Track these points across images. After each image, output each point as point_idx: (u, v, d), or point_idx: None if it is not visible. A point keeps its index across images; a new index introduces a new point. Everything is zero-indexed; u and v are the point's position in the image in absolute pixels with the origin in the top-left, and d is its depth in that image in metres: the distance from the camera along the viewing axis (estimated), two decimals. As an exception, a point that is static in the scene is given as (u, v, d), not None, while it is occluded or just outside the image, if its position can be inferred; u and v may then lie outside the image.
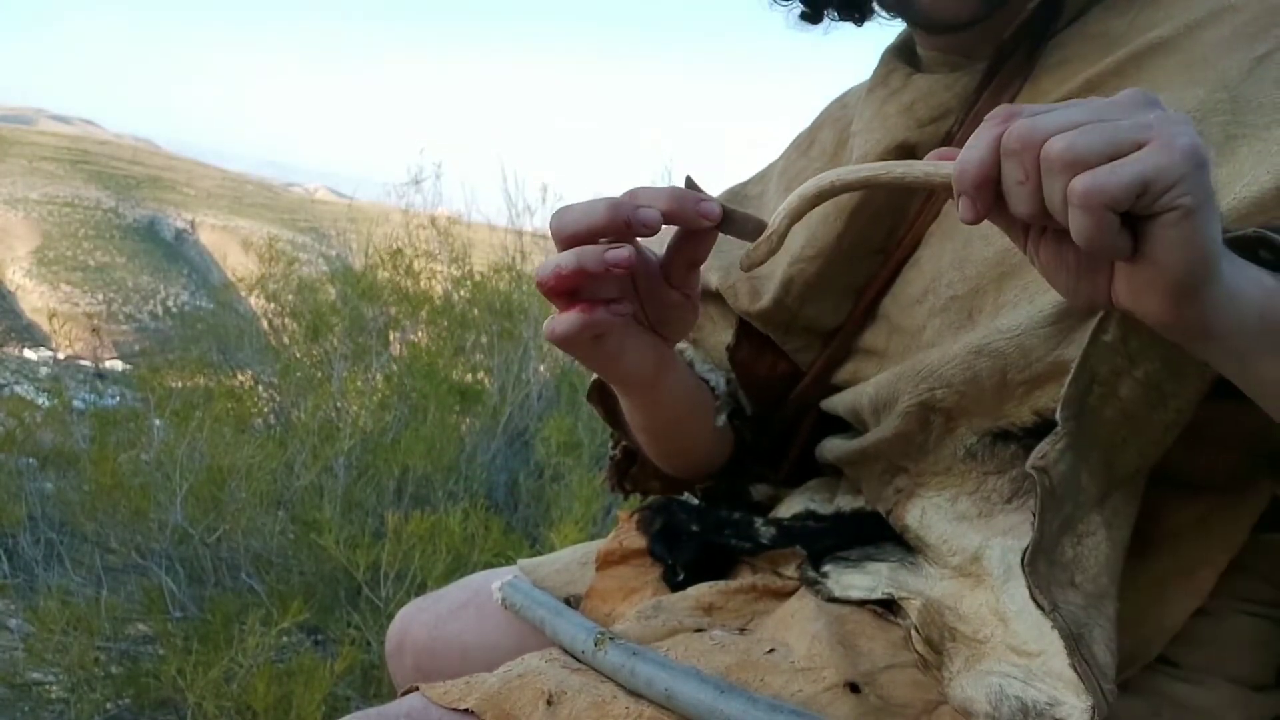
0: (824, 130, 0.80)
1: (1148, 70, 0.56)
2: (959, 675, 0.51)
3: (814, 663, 0.54)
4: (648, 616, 0.61)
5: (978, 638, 0.52)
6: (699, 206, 0.51)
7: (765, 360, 0.76)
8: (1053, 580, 0.48)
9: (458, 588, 0.88)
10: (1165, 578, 0.55)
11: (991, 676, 0.49)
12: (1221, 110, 0.52)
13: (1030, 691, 0.47)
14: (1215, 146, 0.51)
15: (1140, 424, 0.50)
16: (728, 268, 0.75)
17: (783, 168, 0.82)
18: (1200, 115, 0.52)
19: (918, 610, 0.56)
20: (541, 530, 2.15)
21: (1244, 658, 0.57)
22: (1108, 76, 0.58)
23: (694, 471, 0.80)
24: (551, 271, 0.51)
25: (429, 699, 0.57)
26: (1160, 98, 0.42)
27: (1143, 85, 0.56)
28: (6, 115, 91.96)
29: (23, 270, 59.79)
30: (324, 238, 4.71)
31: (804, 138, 0.82)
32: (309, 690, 1.58)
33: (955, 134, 0.65)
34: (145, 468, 2.22)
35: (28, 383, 4.52)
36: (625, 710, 0.52)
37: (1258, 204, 0.48)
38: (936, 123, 0.66)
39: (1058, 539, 0.49)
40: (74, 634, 1.81)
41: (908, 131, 0.67)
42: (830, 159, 0.76)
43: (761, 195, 0.83)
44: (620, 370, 0.60)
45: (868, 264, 0.69)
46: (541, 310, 2.94)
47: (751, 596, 0.64)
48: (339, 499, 2.16)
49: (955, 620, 0.54)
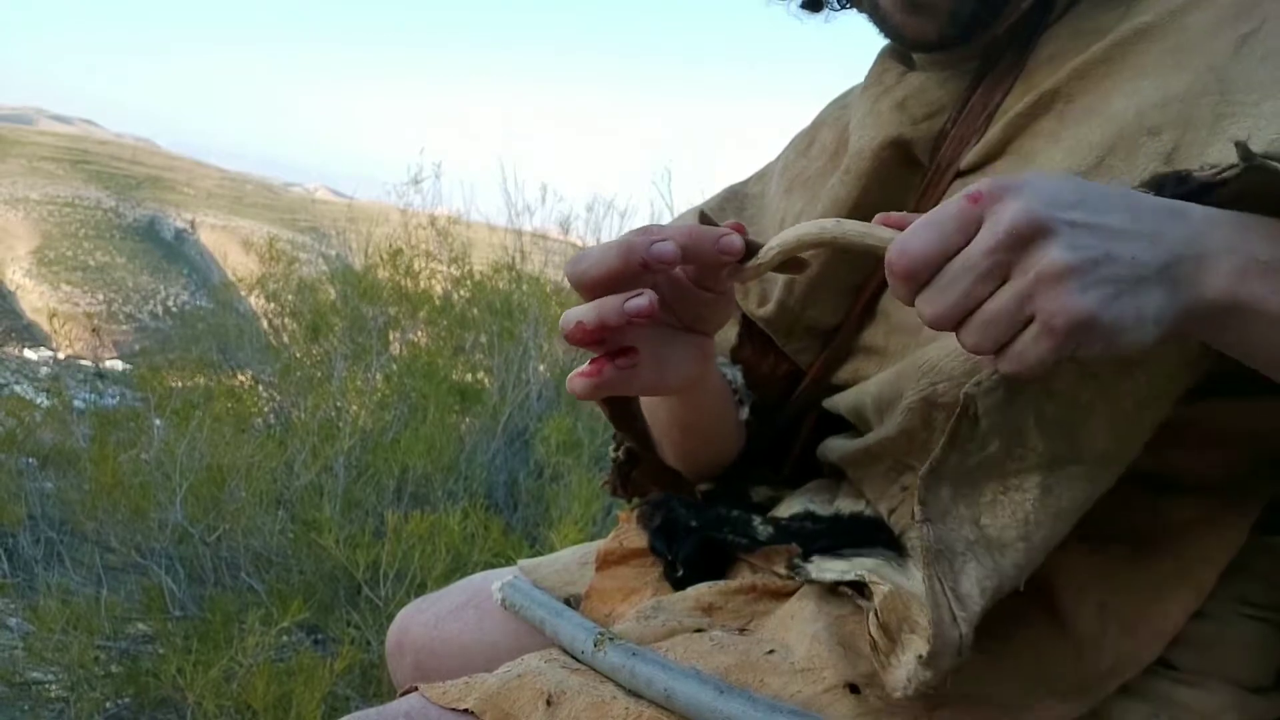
0: (824, 130, 0.80)
1: (1134, 58, 0.56)
2: (907, 666, 0.49)
3: (814, 663, 0.54)
4: (647, 617, 0.61)
5: None
6: (720, 244, 0.50)
7: (768, 360, 0.76)
8: (950, 510, 0.48)
9: (458, 588, 0.88)
10: (1165, 579, 0.54)
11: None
12: (1210, 91, 0.52)
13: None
14: (1206, 126, 0.51)
15: (1106, 389, 0.49)
16: None
17: (782, 168, 0.82)
18: (1189, 98, 0.52)
19: (883, 594, 0.54)
20: (541, 530, 2.15)
21: (1243, 660, 0.57)
22: (1095, 65, 0.58)
23: (711, 469, 0.80)
24: (574, 326, 0.50)
25: (428, 699, 0.57)
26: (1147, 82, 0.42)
27: (1130, 73, 0.56)
28: (6, 115, 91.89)
29: (23, 270, 59.78)
30: (324, 238, 4.71)
31: (803, 138, 0.82)
32: (309, 689, 1.58)
33: (949, 131, 0.66)
34: (145, 467, 2.22)
35: (28, 382, 4.51)
36: (625, 711, 0.51)
37: None
38: (930, 120, 0.66)
39: (977, 477, 0.49)
40: (74, 633, 1.81)
41: (901, 128, 0.67)
42: (830, 158, 0.76)
43: (762, 195, 0.83)
44: (665, 386, 0.58)
45: (866, 261, 0.69)
46: (541, 310, 2.94)
47: (751, 597, 0.64)
48: (339, 498, 2.16)
49: (919, 614, 0.53)
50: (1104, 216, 0.40)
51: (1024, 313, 0.39)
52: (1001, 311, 0.40)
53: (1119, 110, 0.55)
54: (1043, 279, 0.39)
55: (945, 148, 0.65)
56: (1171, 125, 0.52)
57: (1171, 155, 0.52)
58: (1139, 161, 0.53)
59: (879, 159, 0.67)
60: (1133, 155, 0.53)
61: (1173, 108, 0.53)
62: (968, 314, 0.41)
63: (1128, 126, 0.54)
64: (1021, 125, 0.60)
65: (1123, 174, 0.53)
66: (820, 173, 0.75)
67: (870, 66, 0.75)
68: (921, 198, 0.66)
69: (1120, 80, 0.56)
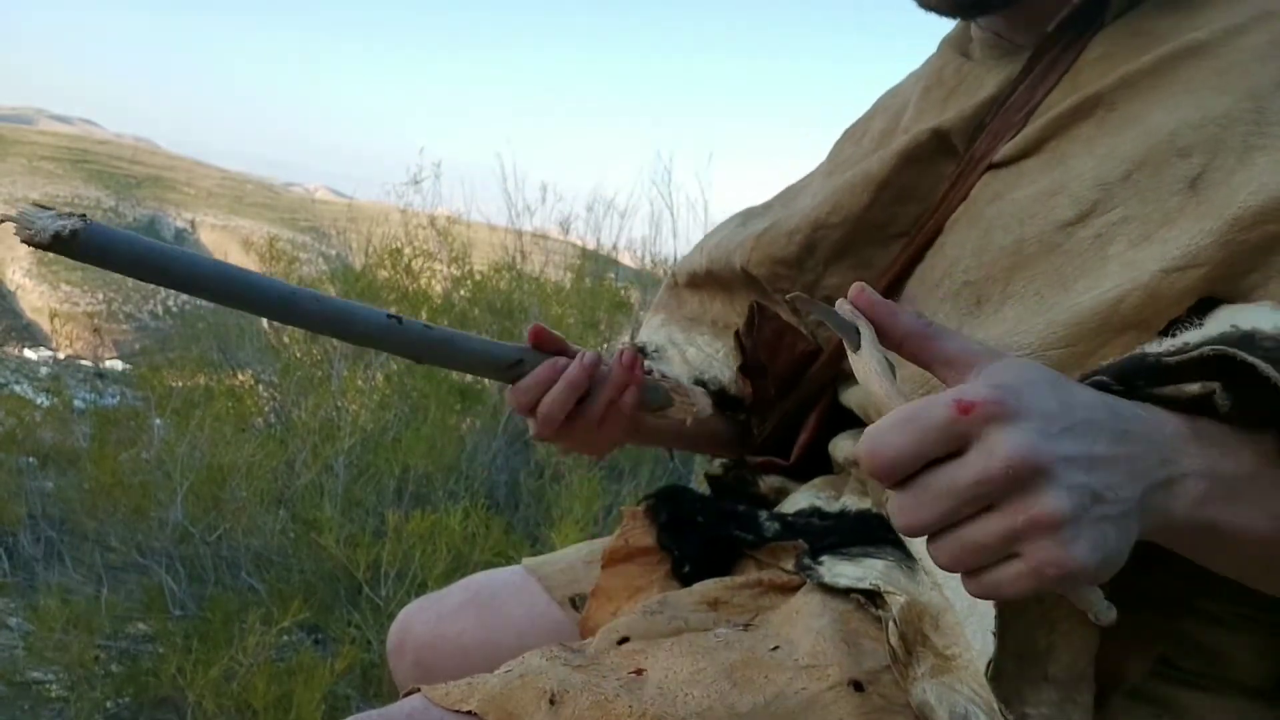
0: (875, 120, 0.80)
1: (1183, 72, 0.56)
2: (923, 679, 0.51)
3: (818, 660, 0.54)
4: (653, 613, 0.61)
5: (947, 654, 0.52)
6: (623, 400, 0.70)
7: (785, 340, 0.77)
8: (1023, 679, 0.47)
9: (459, 587, 0.88)
10: (1166, 581, 0.54)
11: (956, 695, 0.49)
12: (1246, 120, 0.52)
13: None
14: (1235, 154, 0.51)
15: None
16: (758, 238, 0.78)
17: (833, 153, 0.83)
18: (1225, 123, 0.52)
19: (900, 605, 0.55)
20: (542, 530, 2.15)
21: (1246, 664, 0.56)
22: (1143, 75, 0.57)
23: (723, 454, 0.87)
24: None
25: (430, 701, 0.56)
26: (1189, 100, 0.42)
27: (1175, 88, 0.55)
28: (6, 115, 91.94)
29: (23, 270, 59.79)
30: (324, 237, 4.72)
31: (858, 127, 0.83)
32: (309, 689, 1.58)
33: (987, 123, 0.65)
34: (145, 466, 2.22)
35: (28, 382, 4.51)
36: (628, 709, 0.51)
37: (1261, 213, 0.48)
38: (973, 110, 0.67)
39: (1030, 633, 0.48)
40: (74, 632, 1.81)
41: (943, 116, 0.68)
42: (877, 142, 0.77)
43: (807, 186, 0.84)
44: (599, 452, 0.75)
45: (893, 246, 0.69)
46: (542, 310, 2.94)
47: (757, 591, 0.64)
48: (339, 498, 2.16)
49: (931, 630, 0.54)
50: (1091, 444, 0.39)
51: (1009, 550, 0.38)
52: (985, 545, 0.38)
53: (1156, 125, 0.54)
54: (1037, 526, 0.37)
55: (981, 139, 0.65)
56: (1202, 148, 0.52)
57: (1197, 180, 0.51)
58: (1164, 181, 0.52)
59: (917, 143, 0.68)
60: (1159, 174, 0.53)
61: (1207, 130, 0.52)
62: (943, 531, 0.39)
63: (1160, 143, 0.53)
64: (1062, 126, 0.60)
65: (1147, 190, 0.53)
66: (865, 155, 0.76)
67: (930, 56, 0.76)
68: (952, 187, 0.66)
69: (1164, 94, 0.56)
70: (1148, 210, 0.53)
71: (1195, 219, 0.50)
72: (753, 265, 0.77)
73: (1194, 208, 0.50)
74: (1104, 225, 0.54)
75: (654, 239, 3.60)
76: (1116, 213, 0.54)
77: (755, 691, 0.52)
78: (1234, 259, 0.48)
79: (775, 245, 0.76)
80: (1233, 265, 0.48)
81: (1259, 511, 0.43)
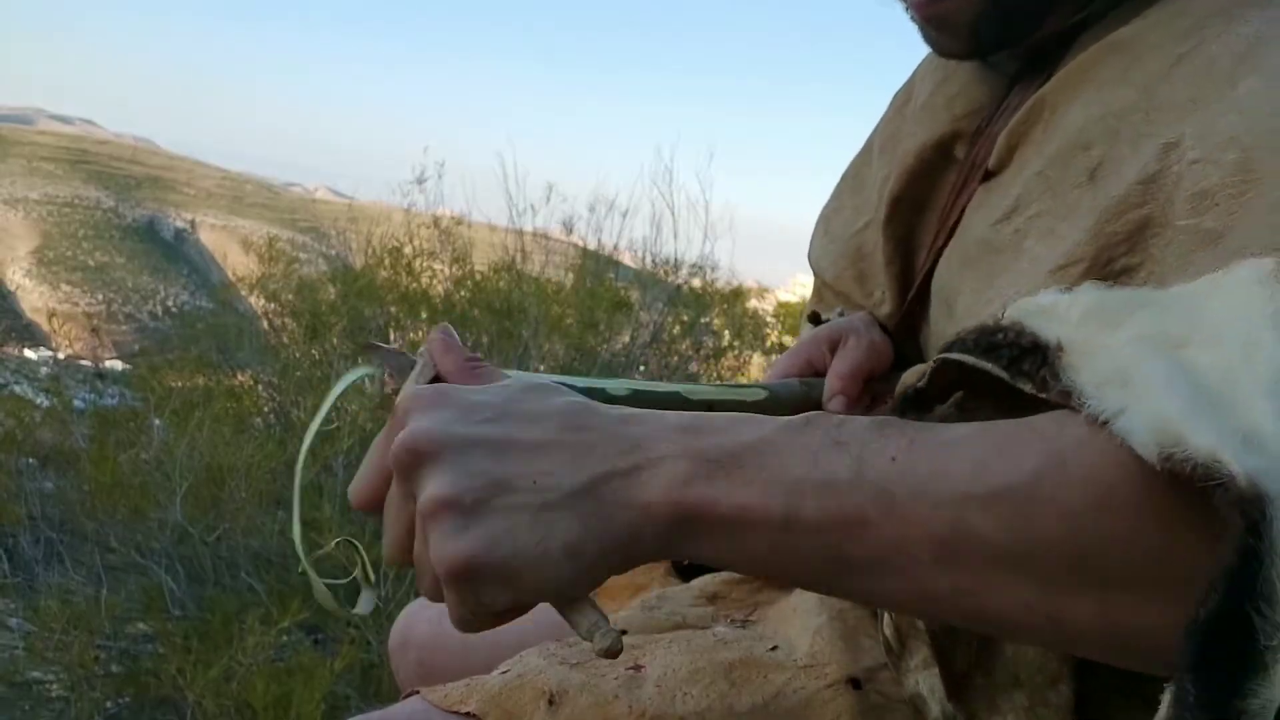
0: (919, 85, 0.78)
1: (1100, 69, 0.56)
2: (916, 671, 0.51)
3: (816, 659, 0.54)
4: (651, 608, 0.61)
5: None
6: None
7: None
8: (995, 690, 0.47)
9: (460, 587, 0.88)
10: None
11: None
12: (1138, 110, 0.51)
13: None
14: (1129, 144, 0.50)
15: None
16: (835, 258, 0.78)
17: (881, 127, 0.83)
18: (1121, 114, 0.52)
19: None
20: (542, 530, 2.15)
21: None
22: (1072, 74, 0.58)
23: None
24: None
25: (430, 703, 0.56)
26: (1097, 94, 0.45)
27: (1091, 85, 0.56)
28: (6, 115, 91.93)
29: (23, 270, 59.80)
30: (324, 238, 4.72)
31: (903, 93, 0.81)
32: (308, 689, 1.58)
33: (984, 129, 0.66)
34: (145, 467, 2.22)
35: (28, 382, 4.51)
36: (627, 709, 0.51)
37: (1124, 201, 0.47)
38: (970, 117, 0.67)
39: (987, 642, 0.47)
40: (74, 633, 1.81)
41: (945, 127, 0.68)
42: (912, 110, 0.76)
43: (868, 161, 0.84)
44: None
45: (921, 255, 0.70)
46: (542, 311, 2.94)
47: (755, 586, 0.65)
48: (339, 498, 2.16)
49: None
50: (519, 431, 0.36)
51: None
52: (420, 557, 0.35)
53: (1070, 121, 0.55)
54: (424, 516, 0.34)
55: (979, 147, 0.66)
56: (1101, 140, 0.52)
57: (1095, 171, 0.51)
58: (1069, 175, 0.52)
59: (922, 158, 0.68)
60: (1066, 167, 0.53)
61: (1107, 123, 0.52)
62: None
63: (1070, 138, 0.54)
64: (1022, 133, 0.60)
65: (1056, 184, 0.53)
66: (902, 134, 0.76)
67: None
68: (957, 196, 0.66)
69: (1083, 90, 0.56)
70: (1055, 204, 0.53)
71: (1088, 212, 0.50)
72: (836, 286, 0.78)
73: (1089, 200, 0.50)
74: (1023, 221, 0.55)
75: (655, 239, 3.61)
76: (1033, 208, 0.54)
77: (754, 691, 0.52)
78: (1102, 252, 0.48)
79: (840, 282, 0.77)
80: (1106, 258, 0.47)
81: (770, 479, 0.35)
